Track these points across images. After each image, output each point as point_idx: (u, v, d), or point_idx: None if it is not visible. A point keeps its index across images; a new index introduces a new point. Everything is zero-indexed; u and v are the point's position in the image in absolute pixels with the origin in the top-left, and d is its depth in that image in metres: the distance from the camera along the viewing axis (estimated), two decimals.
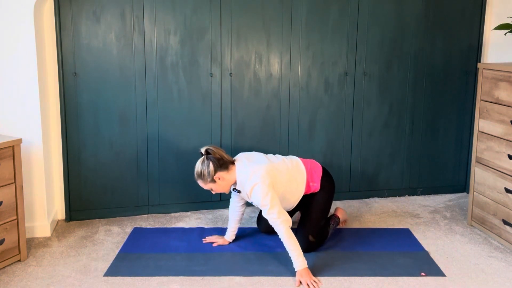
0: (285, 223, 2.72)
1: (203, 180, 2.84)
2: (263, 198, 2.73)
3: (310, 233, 2.97)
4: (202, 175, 2.82)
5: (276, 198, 2.77)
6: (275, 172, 2.87)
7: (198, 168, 2.84)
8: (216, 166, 2.80)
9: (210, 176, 2.80)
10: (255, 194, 2.77)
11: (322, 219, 3.05)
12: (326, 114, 3.75)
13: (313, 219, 3.01)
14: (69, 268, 2.83)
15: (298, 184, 2.98)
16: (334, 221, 3.20)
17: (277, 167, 2.91)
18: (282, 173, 2.91)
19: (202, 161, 2.83)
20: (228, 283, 2.67)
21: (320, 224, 3.04)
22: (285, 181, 2.91)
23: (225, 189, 2.89)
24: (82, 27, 3.25)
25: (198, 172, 2.84)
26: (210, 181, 2.82)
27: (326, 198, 3.06)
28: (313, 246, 3.00)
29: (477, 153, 3.35)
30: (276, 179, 2.86)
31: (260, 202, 2.75)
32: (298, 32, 3.59)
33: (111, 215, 3.53)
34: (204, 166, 2.81)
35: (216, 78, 3.51)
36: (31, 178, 3.14)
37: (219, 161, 2.82)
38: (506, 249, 3.09)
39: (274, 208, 2.73)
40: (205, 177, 2.81)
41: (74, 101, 3.32)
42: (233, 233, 3.11)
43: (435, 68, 3.86)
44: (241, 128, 3.62)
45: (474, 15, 3.85)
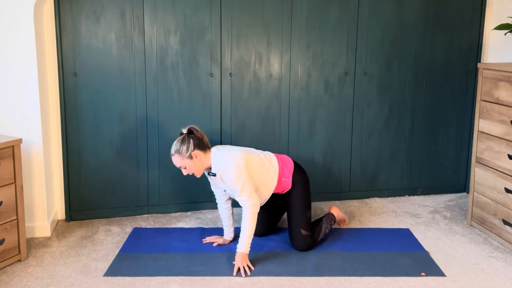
0: (253, 207, 2.83)
1: (180, 155, 2.84)
2: (236, 180, 2.80)
3: (300, 227, 3.00)
4: (181, 149, 2.83)
5: (248, 181, 2.85)
6: (250, 159, 2.94)
7: (177, 144, 2.86)
8: (196, 144, 2.84)
9: (189, 152, 2.82)
10: (228, 175, 2.82)
11: (307, 211, 3.07)
12: (326, 114, 3.75)
13: (298, 214, 3.03)
14: (69, 268, 2.83)
15: (270, 177, 3.00)
16: (328, 217, 3.22)
17: (252, 156, 2.96)
18: (256, 163, 2.95)
19: (183, 138, 2.86)
20: (228, 283, 2.67)
21: (307, 216, 3.05)
22: (259, 171, 2.95)
23: (198, 170, 2.89)
24: (82, 27, 3.25)
25: (177, 147, 2.85)
26: (187, 157, 2.83)
27: (302, 190, 3.08)
28: (309, 240, 3.01)
29: (477, 153, 3.35)
30: (250, 166, 2.91)
31: (232, 183, 2.81)
32: (298, 32, 3.59)
33: (111, 215, 3.53)
34: (184, 142, 2.84)
35: (216, 78, 3.51)
36: (31, 178, 3.14)
37: (199, 141, 2.86)
38: (506, 249, 3.09)
39: (246, 190, 2.82)
40: (183, 152, 2.83)
41: (74, 101, 3.32)
42: (230, 230, 3.12)
43: (435, 68, 3.86)
44: (241, 128, 3.62)
45: (474, 15, 3.85)
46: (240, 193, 2.82)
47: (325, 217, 3.21)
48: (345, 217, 3.42)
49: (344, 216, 3.42)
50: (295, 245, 3.03)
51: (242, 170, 2.83)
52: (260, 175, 2.95)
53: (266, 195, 3.03)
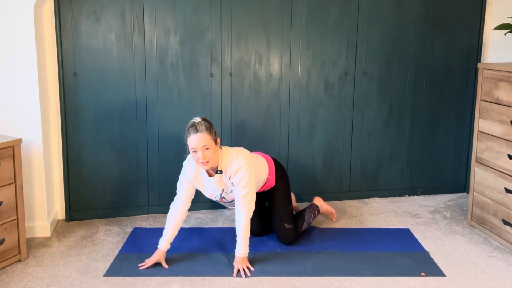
0: (250, 213, 2.81)
1: (210, 134, 2.68)
2: (247, 181, 2.77)
3: (284, 222, 3.03)
4: (211, 128, 2.71)
5: (255, 185, 2.85)
6: (252, 158, 2.93)
7: (206, 122, 2.70)
8: None
9: (216, 134, 2.73)
10: (241, 175, 2.76)
11: (288, 205, 3.11)
12: (326, 114, 3.75)
13: (281, 208, 3.07)
14: (69, 268, 2.83)
15: (261, 177, 3.00)
16: (310, 207, 3.27)
17: (251, 154, 2.96)
18: (254, 162, 2.94)
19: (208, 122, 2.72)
20: (228, 283, 2.67)
21: (289, 210, 3.10)
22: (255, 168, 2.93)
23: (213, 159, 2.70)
24: (82, 27, 3.25)
25: (207, 124, 2.69)
26: (214, 139, 2.70)
27: (284, 186, 3.12)
28: (293, 232, 3.05)
29: (477, 153, 3.35)
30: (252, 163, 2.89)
31: (244, 183, 2.76)
32: (298, 32, 3.59)
33: (111, 215, 3.53)
34: (211, 123, 2.72)
35: (216, 78, 3.51)
36: (31, 178, 3.14)
37: None
38: (506, 249, 3.09)
39: (250, 194, 2.80)
40: (213, 131, 2.71)
41: (74, 101, 3.32)
42: (169, 242, 2.87)
43: (435, 68, 3.86)
44: (241, 128, 3.62)
45: (474, 15, 3.85)
46: (246, 194, 2.78)
47: (307, 207, 3.25)
48: (331, 209, 3.43)
49: (330, 209, 3.43)
50: (280, 239, 3.08)
51: (252, 170, 2.83)
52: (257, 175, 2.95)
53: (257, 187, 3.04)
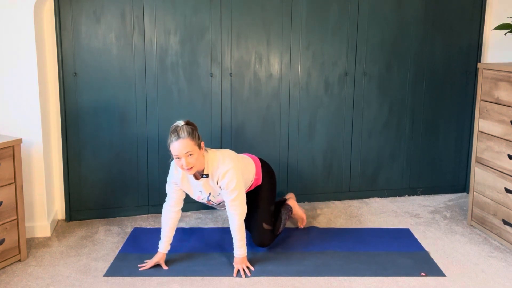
0: (243, 215, 2.78)
1: (193, 139, 2.60)
2: (236, 185, 2.72)
3: (263, 221, 2.97)
4: (194, 133, 2.61)
5: (243, 187, 2.81)
6: (239, 160, 2.89)
7: (189, 127, 2.61)
8: None
9: (199, 139, 2.65)
10: (229, 178, 2.71)
11: (270, 206, 3.07)
12: (326, 114, 3.75)
13: (262, 208, 3.01)
14: (69, 268, 2.83)
15: (248, 178, 2.97)
16: (285, 208, 3.21)
17: (236, 155, 2.92)
18: (241, 164, 2.90)
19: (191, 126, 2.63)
20: (228, 283, 2.67)
21: (270, 211, 3.06)
22: (243, 170, 2.89)
23: (197, 164, 2.64)
24: (82, 27, 3.25)
25: (190, 130, 2.60)
26: (197, 144, 2.62)
27: (269, 186, 3.09)
28: (269, 234, 2.97)
29: (477, 153, 3.35)
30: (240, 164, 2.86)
31: (231, 187, 2.72)
32: (298, 32, 3.59)
33: (111, 215, 3.53)
34: (194, 128, 2.65)
35: (216, 78, 3.51)
36: (31, 178, 3.14)
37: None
38: (506, 249, 3.09)
39: (240, 196, 2.76)
40: (196, 136, 2.62)
41: (74, 101, 3.32)
42: (168, 243, 2.85)
43: (435, 68, 3.86)
44: (241, 128, 3.62)
45: (474, 15, 3.85)
46: (235, 198, 2.74)
47: (282, 208, 3.20)
48: (302, 215, 3.32)
49: (302, 214, 3.32)
50: (255, 240, 2.98)
51: (240, 173, 2.79)
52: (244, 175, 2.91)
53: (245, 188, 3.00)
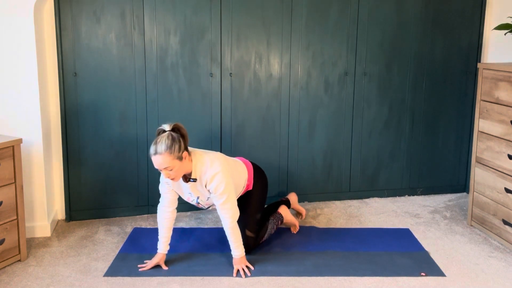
0: (235, 217, 2.74)
1: (171, 154, 2.51)
2: (224, 188, 2.66)
3: (247, 228, 2.92)
4: (173, 148, 2.52)
5: (233, 190, 2.74)
6: (229, 163, 2.83)
7: (167, 141, 2.52)
8: (184, 143, 2.59)
9: (181, 151, 2.55)
10: (217, 182, 2.65)
11: (257, 213, 3.02)
12: (326, 114, 3.75)
13: (248, 215, 2.96)
14: (69, 268, 2.83)
15: (240, 182, 2.92)
16: (275, 217, 3.14)
17: (227, 158, 2.88)
18: (231, 165, 2.85)
19: (171, 136, 2.54)
20: (228, 283, 2.67)
21: (256, 218, 2.99)
22: (234, 173, 2.84)
23: (181, 173, 2.62)
24: (82, 27, 3.26)
25: (168, 144, 2.51)
26: (178, 158, 2.54)
27: (259, 192, 3.05)
28: (250, 241, 2.93)
29: (477, 153, 3.35)
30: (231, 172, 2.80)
31: (221, 190, 2.66)
32: (298, 32, 3.59)
33: (111, 215, 3.53)
34: (175, 140, 2.53)
35: (216, 78, 3.51)
36: (31, 178, 3.14)
37: (185, 140, 2.60)
38: (506, 249, 3.09)
39: (231, 200, 2.71)
40: (175, 150, 2.52)
41: (74, 101, 3.33)
42: (167, 243, 2.84)
43: (435, 68, 3.86)
44: (241, 128, 3.62)
45: (474, 15, 3.85)
46: (225, 201, 2.69)
47: (272, 216, 3.14)
48: (294, 221, 3.27)
49: (294, 221, 3.26)
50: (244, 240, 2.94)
51: (230, 179, 2.71)
52: (234, 180, 2.84)
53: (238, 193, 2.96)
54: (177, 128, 2.60)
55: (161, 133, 2.59)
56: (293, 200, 3.47)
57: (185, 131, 2.63)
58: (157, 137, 2.57)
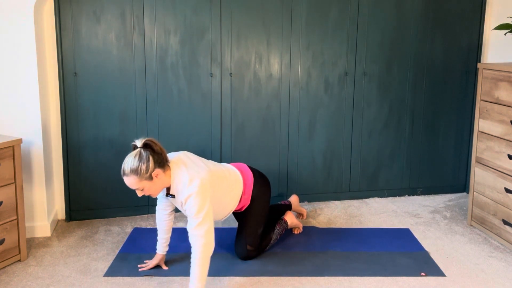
0: (207, 248, 2.47)
1: (138, 176, 2.41)
2: (198, 211, 2.46)
3: (248, 243, 2.86)
4: (139, 169, 2.40)
5: (210, 214, 2.51)
6: (215, 180, 2.63)
7: (134, 162, 2.41)
8: (155, 161, 2.45)
9: (149, 172, 2.42)
10: (191, 204, 2.47)
11: (259, 228, 2.91)
12: (326, 114, 3.75)
13: (249, 230, 2.87)
14: (69, 268, 2.83)
15: (233, 198, 2.80)
16: (281, 225, 3.09)
17: (217, 175, 2.68)
18: (221, 182, 2.68)
19: (139, 154, 2.43)
20: (228, 283, 2.67)
21: (257, 233, 2.90)
22: (223, 191, 2.70)
23: (156, 191, 2.52)
24: (82, 27, 3.26)
25: (134, 166, 2.40)
26: (146, 178, 2.43)
27: (261, 207, 2.92)
28: (252, 253, 2.89)
29: (477, 153, 3.35)
30: (215, 188, 2.62)
31: (194, 213, 2.47)
32: (298, 32, 3.59)
33: (111, 215, 3.53)
34: (143, 159, 2.41)
35: (216, 78, 3.51)
36: (31, 178, 3.14)
37: (158, 156, 2.47)
38: (506, 249, 3.09)
39: (205, 224, 2.47)
40: (142, 172, 2.41)
41: (74, 101, 3.33)
42: (166, 244, 2.81)
43: (435, 68, 3.86)
44: (241, 128, 3.62)
45: (474, 15, 3.85)
46: (198, 226, 2.46)
47: (278, 225, 3.06)
48: (299, 224, 3.25)
49: (298, 224, 3.25)
50: (237, 254, 2.91)
51: (207, 201, 2.50)
52: (223, 198, 2.72)
53: (225, 215, 2.84)
54: (149, 144, 2.47)
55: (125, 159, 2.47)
56: (295, 202, 3.45)
57: (157, 147, 2.48)
58: (127, 156, 2.47)
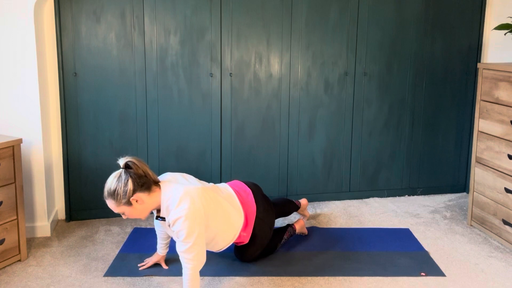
0: (196, 269, 2.35)
1: (115, 201, 2.27)
2: (187, 236, 2.30)
3: (250, 258, 2.81)
4: (116, 194, 2.25)
5: (202, 237, 2.35)
6: (208, 200, 2.44)
7: (112, 184, 2.26)
8: (136, 185, 2.28)
9: (126, 196, 2.26)
10: (179, 226, 2.30)
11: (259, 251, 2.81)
12: (326, 114, 3.75)
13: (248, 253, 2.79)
14: (69, 268, 2.83)
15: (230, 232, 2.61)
16: (289, 233, 3.03)
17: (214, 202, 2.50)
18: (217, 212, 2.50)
19: (119, 176, 2.28)
20: (228, 283, 2.67)
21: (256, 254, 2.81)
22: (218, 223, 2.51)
23: (141, 214, 2.36)
24: (82, 27, 3.26)
25: (111, 189, 2.26)
26: (124, 203, 2.28)
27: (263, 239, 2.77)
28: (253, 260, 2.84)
29: (477, 153, 3.35)
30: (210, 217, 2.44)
31: (182, 237, 2.31)
32: (298, 32, 3.59)
33: (111, 215, 3.53)
34: (121, 182, 2.25)
35: (216, 78, 3.51)
36: (31, 178, 3.14)
37: (140, 179, 2.30)
38: (506, 249, 3.09)
39: (195, 249, 2.32)
40: (119, 196, 2.26)
41: (74, 101, 3.33)
42: (166, 247, 2.75)
43: (435, 68, 3.86)
44: (241, 128, 3.62)
45: (474, 15, 3.85)
46: (187, 250, 2.31)
47: (286, 234, 2.99)
48: (305, 232, 3.20)
49: (305, 231, 3.19)
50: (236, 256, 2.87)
51: (197, 225, 2.33)
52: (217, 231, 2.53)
53: (223, 246, 2.67)
54: (130, 166, 2.30)
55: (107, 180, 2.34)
56: (304, 206, 3.42)
57: (140, 169, 2.31)
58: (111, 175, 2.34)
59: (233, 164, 3.64)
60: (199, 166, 3.58)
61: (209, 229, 2.48)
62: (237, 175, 3.63)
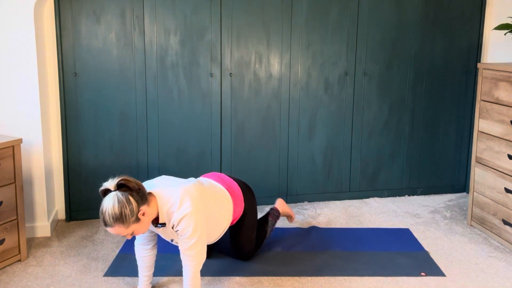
0: (198, 267, 2.38)
1: (124, 224, 2.16)
2: (193, 232, 2.31)
3: (246, 248, 2.83)
4: (124, 216, 2.15)
5: (204, 234, 2.39)
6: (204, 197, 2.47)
7: (114, 209, 2.14)
8: (138, 199, 2.21)
9: (134, 214, 2.18)
10: (184, 225, 2.30)
11: (253, 233, 2.86)
12: (326, 114, 3.75)
13: (245, 239, 2.81)
14: (69, 268, 2.83)
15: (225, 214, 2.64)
16: (273, 215, 3.05)
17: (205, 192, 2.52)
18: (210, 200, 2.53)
19: (116, 199, 2.16)
20: (228, 283, 2.67)
21: (253, 238, 2.85)
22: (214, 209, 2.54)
23: (146, 227, 2.30)
24: (82, 27, 3.26)
25: (116, 214, 2.14)
26: (134, 221, 2.19)
27: (252, 216, 2.83)
28: (250, 254, 2.88)
29: (477, 153, 3.35)
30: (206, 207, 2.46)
31: (187, 235, 2.32)
32: (298, 32, 3.59)
33: None
34: (122, 203, 2.15)
35: (216, 78, 3.51)
36: (31, 178, 3.14)
37: (138, 192, 2.22)
38: (506, 249, 3.09)
39: (198, 246, 2.36)
40: (127, 217, 2.16)
41: (74, 101, 3.33)
42: (148, 282, 2.59)
43: (435, 68, 3.86)
44: (241, 128, 3.62)
45: (474, 15, 3.85)
46: (192, 247, 2.34)
47: (270, 216, 3.01)
48: (290, 212, 3.22)
49: (290, 212, 3.21)
50: (235, 257, 2.90)
51: (202, 217, 2.37)
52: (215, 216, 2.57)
53: (220, 234, 2.68)
54: (123, 184, 2.20)
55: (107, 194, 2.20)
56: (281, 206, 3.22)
57: (133, 183, 2.21)
58: (102, 203, 2.19)
59: (233, 164, 3.64)
60: (199, 166, 3.58)
61: (209, 219, 2.50)
62: (237, 175, 3.63)
